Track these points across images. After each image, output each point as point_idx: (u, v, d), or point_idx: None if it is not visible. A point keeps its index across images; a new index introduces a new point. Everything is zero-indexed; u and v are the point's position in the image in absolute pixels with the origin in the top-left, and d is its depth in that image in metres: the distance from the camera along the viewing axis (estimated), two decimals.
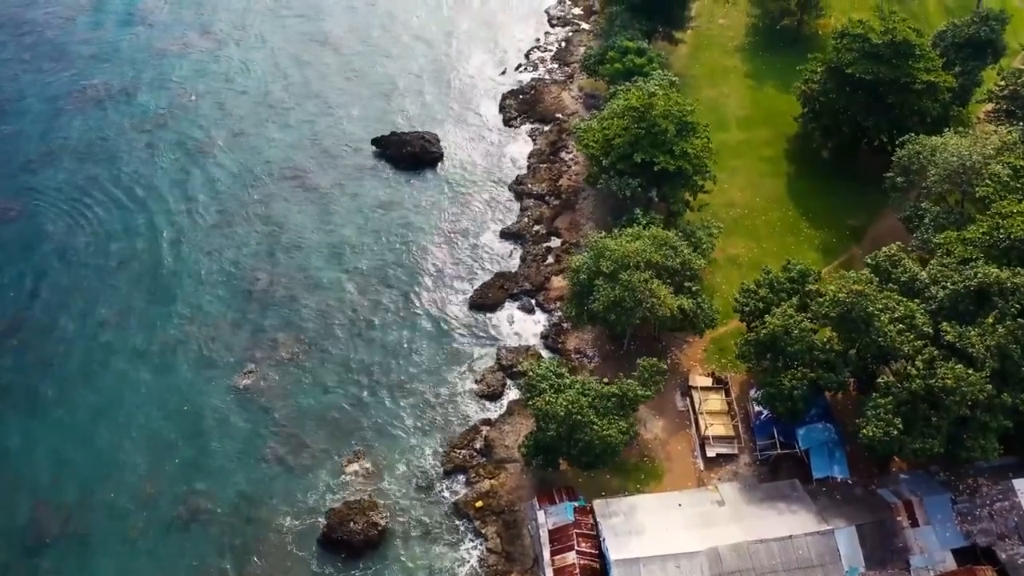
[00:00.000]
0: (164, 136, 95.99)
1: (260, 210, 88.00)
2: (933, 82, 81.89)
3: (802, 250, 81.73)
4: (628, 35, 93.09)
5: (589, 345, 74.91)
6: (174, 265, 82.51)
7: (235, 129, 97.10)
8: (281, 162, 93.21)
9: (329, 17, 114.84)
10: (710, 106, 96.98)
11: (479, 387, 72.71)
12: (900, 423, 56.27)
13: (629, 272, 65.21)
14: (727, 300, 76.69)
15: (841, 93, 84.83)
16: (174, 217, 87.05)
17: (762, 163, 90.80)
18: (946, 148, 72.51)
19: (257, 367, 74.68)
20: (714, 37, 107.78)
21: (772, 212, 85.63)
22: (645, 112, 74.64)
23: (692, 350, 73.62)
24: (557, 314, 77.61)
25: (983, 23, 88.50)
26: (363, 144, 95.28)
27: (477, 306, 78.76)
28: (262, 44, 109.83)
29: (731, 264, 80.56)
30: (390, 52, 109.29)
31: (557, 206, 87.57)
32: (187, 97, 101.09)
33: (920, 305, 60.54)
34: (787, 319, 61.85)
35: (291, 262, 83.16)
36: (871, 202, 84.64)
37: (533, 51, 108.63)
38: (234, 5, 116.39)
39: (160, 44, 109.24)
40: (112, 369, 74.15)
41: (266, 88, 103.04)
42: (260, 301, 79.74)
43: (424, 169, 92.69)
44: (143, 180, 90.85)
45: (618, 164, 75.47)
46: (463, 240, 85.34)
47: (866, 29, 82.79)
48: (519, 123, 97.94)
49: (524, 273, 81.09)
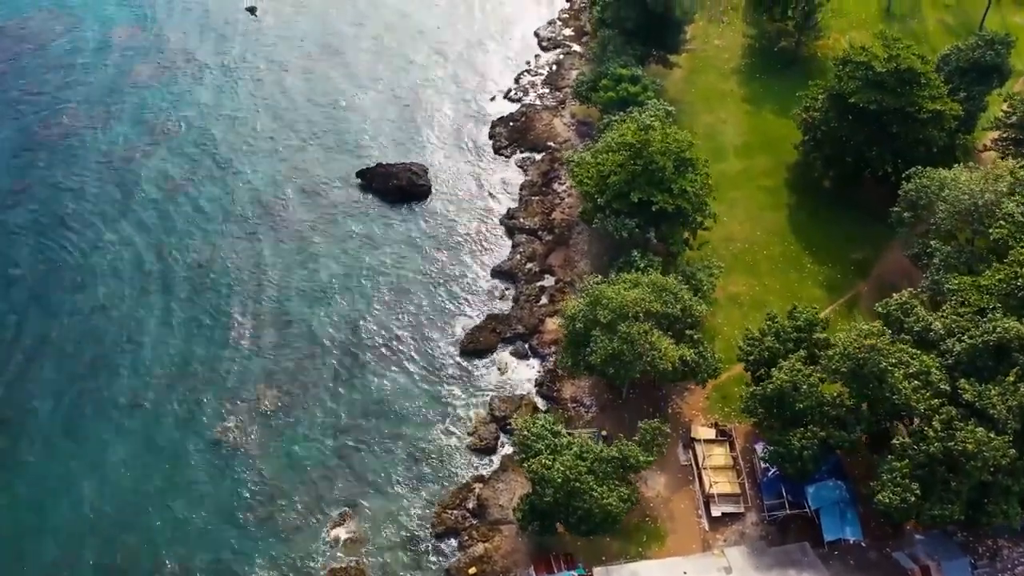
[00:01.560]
0: (140, 170, 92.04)
1: (241, 249, 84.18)
2: (939, 111, 78.86)
3: (805, 287, 78.65)
4: (621, 61, 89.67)
5: (586, 393, 71.48)
6: (149, 311, 78.64)
7: (215, 161, 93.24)
8: (263, 196, 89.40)
9: (312, 43, 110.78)
10: (707, 133, 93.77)
11: (471, 440, 69.23)
12: (917, 488, 53.08)
13: (628, 323, 61.80)
14: (728, 342, 73.71)
15: (843, 122, 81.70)
16: (150, 259, 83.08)
17: (762, 194, 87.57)
18: (956, 184, 69.43)
19: (237, 420, 71.06)
20: (710, 59, 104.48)
21: (773, 246, 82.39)
22: (641, 148, 71.24)
23: (694, 398, 70.27)
24: (552, 359, 74.18)
25: (988, 47, 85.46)
26: (348, 176, 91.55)
27: (468, 351, 75.20)
28: (243, 71, 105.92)
29: (732, 303, 77.28)
30: (376, 78, 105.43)
31: (550, 242, 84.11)
32: (164, 128, 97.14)
33: (935, 359, 57.32)
34: (795, 374, 58.59)
35: (272, 305, 79.40)
36: (875, 234, 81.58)
37: (523, 75, 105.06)
38: (213, 30, 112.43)
39: (137, 72, 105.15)
40: (84, 425, 70.45)
41: (247, 117, 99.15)
42: (239, 348, 76.01)
43: (412, 202, 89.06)
44: (118, 219, 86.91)
45: (614, 203, 72.06)
46: (453, 279, 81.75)
47: (869, 57, 79.66)
48: (510, 152, 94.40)
49: (517, 315, 77.60)
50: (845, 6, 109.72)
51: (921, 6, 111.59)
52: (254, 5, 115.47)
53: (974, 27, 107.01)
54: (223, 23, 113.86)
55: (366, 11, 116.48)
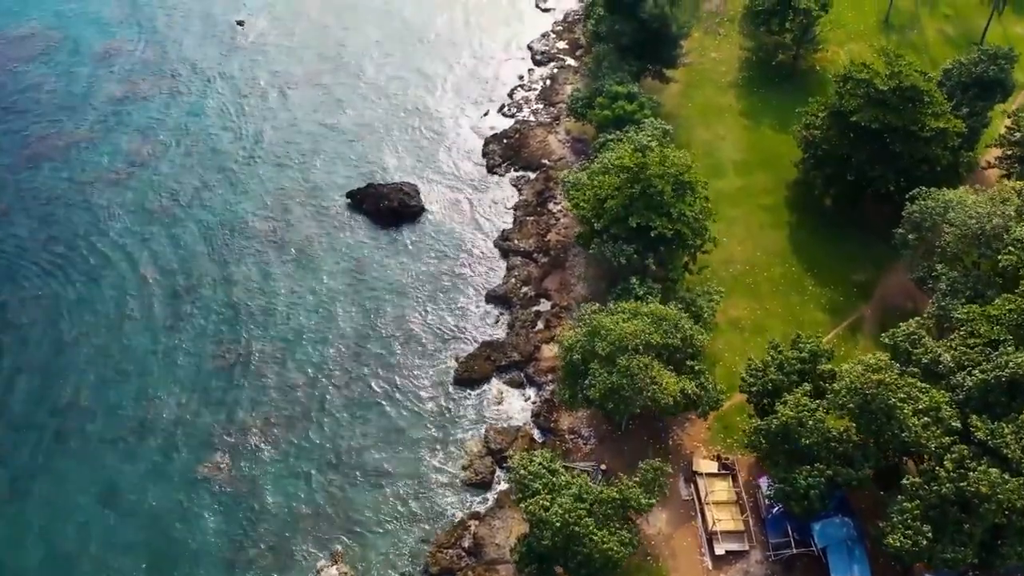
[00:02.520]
0: (125, 192, 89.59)
1: (227, 274, 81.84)
2: (942, 128, 77.11)
3: (807, 310, 76.78)
4: (617, 78, 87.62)
5: (584, 424, 69.45)
6: (133, 340, 76.32)
7: (200, 183, 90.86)
8: (249, 219, 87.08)
9: (301, 59, 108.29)
10: (705, 150, 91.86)
11: (466, 475, 67.11)
12: (929, 530, 51.19)
13: (627, 356, 59.78)
14: (729, 369, 71.89)
15: (845, 140, 79.88)
16: (134, 285, 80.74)
17: (762, 212, 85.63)
18: (963, 207, 67.57)
19: (224, 455, 68.85)
20: (707, 72, 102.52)
21: (774, 267, 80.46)
22: (639, 172, 69.23)
23: (695, 429, 68.29)
24: (549, 388, 72.16)
25: (991, 61, 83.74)
26: (337, 198, 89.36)
27: (462, 381, 73.07)
28: (230, 88, 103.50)
29: (733, 328, 75.32)
30: (366, 94, 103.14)
31: (546, 264, 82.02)
32: (150, 147, 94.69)
33: (945, 394, 55.42)
34: (800, 409, 56.63)
35: (259, 333, 77.09)
36: (878, 255, 79.82)
37: (517, 90, 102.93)
38: (202, 44, 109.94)
39: (124, 88, 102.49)
40: (64, 461, 68.07)
41: (233, 137, 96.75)
42: (226, 378, 73.76)
43: (403, 224, 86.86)
44: (102, 243, 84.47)
45: (611, 228, 70.03)
46: (446, 305, 79.59)
47: (871, 74, 77.79)
48: (503, 170, 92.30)
49: (512, 342, 75.49)
50: (843, 17, 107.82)
51: (920, 17, 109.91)
52: (243, 19, 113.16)
53: (974, 37, 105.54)
54: (213, 37, 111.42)
55: (355, 26, 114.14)
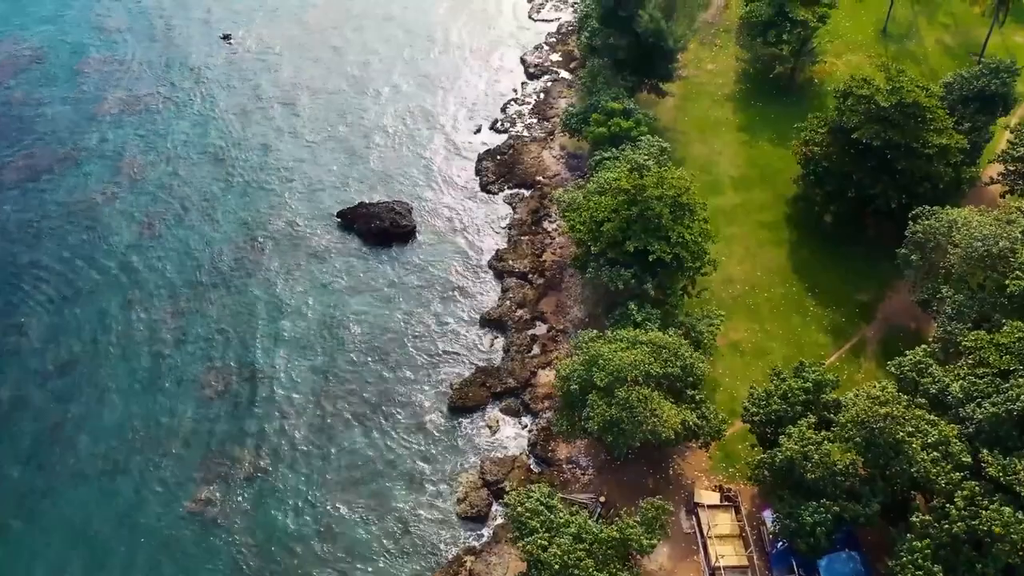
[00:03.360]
0: (107, 214, 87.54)
1: (214, 298, 79.85)
2: (945, 145, 75.60)
3: (809, 332, 75.13)
4: (612, 93, 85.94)
5: (582, 454, 67.62)
6: (118, 369, 74.21)
7: (187, 203, 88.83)
8: (236, 241, 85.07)
9: (289, 72, 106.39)
10: (702, 165, 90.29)
11: (461, 508, 65.20)
12: (940, 571, 49.49)
13: (627, 388, 58.03)
14: (730, 394, 70.28)
15: (845, 156, 78.31)
16: (118, 311, 78.64)
17: (761, 230, 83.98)
18: (968, 229, 66.01)
19: (214, 488, 66.77)
20: (703, 85, 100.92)
21: (774, 287, 78.81)
22: (636, 194, 67.49)
23: (695, 458, 66.51)
24: (546, 416, 70.32)
25: (993, 75, 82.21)
26: (327, 217, 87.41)
27: (456, 408, 71.19)
28: (216, 103, 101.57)
29: (733, 351, 73.62)
30: (356, 110, 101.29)
31: (541, 285, 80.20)
32: (133, 167, 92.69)
33: (954, 426, 53.78)
34: (805, 444, 54.94)
35: (248, 360, 75.09)
36: (880, 273, 78.25)
37: (510, 104, 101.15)
38: (187, 59, 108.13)
39: (106, 105, 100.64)
40: (49, 497, 65.85)
41: (221, 155, 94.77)
42: (215, 408, 71.76)
43: (395, 244, 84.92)
44: (88, 267, 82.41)
45: (608, 251, 68.27)
46: (439, 329, 77.69)
47: (872, 90, 76.14)
48: (497, 188, 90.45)
49: (507, 367, 73.65)
50: (840, 28, 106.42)
51: (918, 26, 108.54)
52: (229, 33, 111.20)
53: (973, 47, 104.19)
54: (198, 52, 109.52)
55: (344, 40, 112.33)
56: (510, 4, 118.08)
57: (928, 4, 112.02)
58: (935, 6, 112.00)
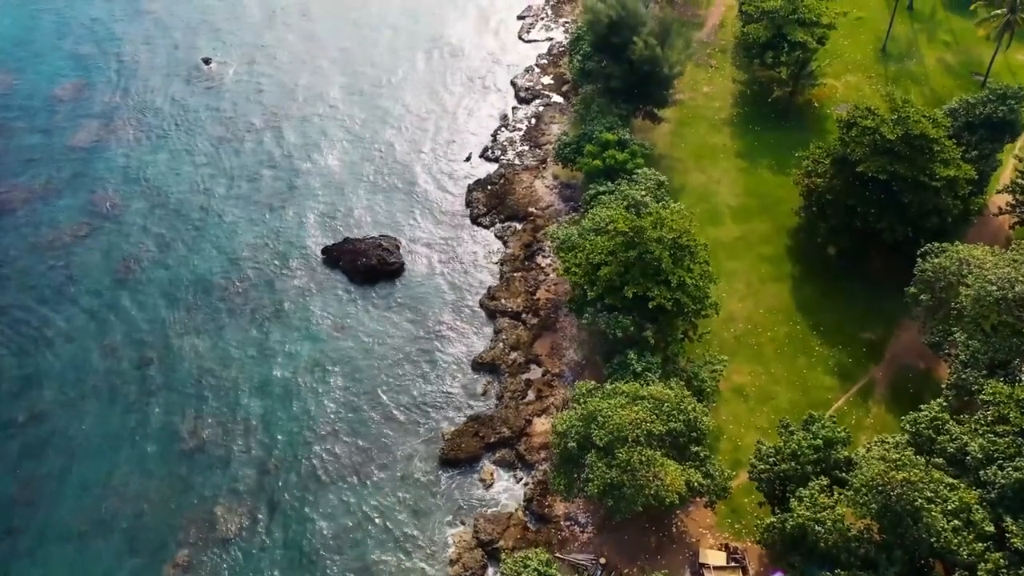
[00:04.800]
0: (85, 252, 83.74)
1: (193, 344, 76.17)
2: (953, 177, 72.79)
3: (815, 374, 72.13)
4: (606, 123, 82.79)
5: (581, 510, 64.37)
6: (92, 421, 70.57)
7: (165, 241, 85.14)
8: (218, 280, 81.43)
9: (272, 99, 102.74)
10: (700, 194, 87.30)
11: (454, 570, 61.81)
12: None
13: (628, 449, 54.87)
14: (734, 442, 67.36)
15: (849, 188, 75.40)
16: (92, 358, 74.99)
17: (762, 264, 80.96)
18: (981, 271, 63.16)
19: (191, 551, 63.27)
20: (699, 109, 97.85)
21: (778, 326, 75.79)
22: (635, 237, 64.33)
23: (700, 514, 63.31)
24: (542, 468, 67.07)
25: (1000, 101, 79.49)
26: (311, 255, 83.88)
27: (448, 461, 67.82)
28: (196, 132, 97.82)
29: (737, 396, 70.57)
30: (341, 138, 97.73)
31: (535, 326, 76.94)
32: (111, 201, 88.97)
33: (975, 491, 50.82)
34: (817, 510, 51.91)
35: (227, 410, 71.51)
36: (887, 309, 75.38)
37: (501, 130, 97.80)
38: (166, 85, 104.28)
39: (82, 134, 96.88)
40: (14, 562, 62.24)
41: (200, 188, 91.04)
42: (193, 463, 68.20)
43: (382, 283, 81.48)
44: (61, 311, 78.68)
45: (606, 297, 65.07)
46: (430, 374, 74.26)
47: (877, 121, 73.30)
48: (488, 220, 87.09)
49: (501, 415, 70.35)
50: (838, 47, 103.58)
51: (918, 45, 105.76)
52: (209, 57, 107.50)
53: (975, 66, 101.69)
54: (177, 77, 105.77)
55: (328, 64, 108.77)
56: (500, 25, 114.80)
57: (928, 22, 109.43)
58: (935, 24, 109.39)
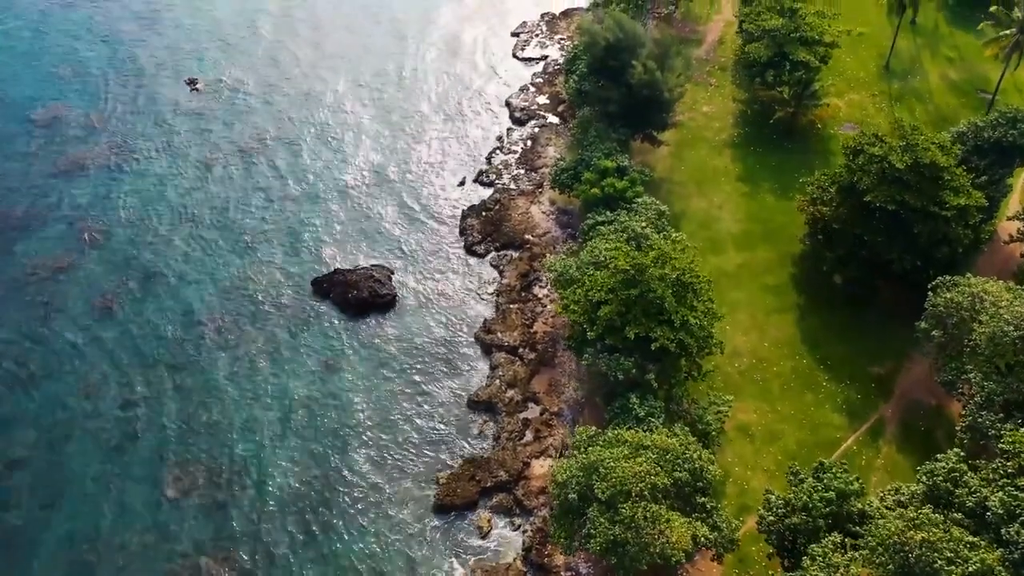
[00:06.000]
0: (63, 285, 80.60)
1: (178, 383, 73.36)
2: (964, 206, 70.47)
3: (823, 412, 69.68)
4: (604, 149, 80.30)
5: (582, 560, 61.85)
6: (70, 468, 67.50)
7: (146, 273, 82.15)
8: (203, 315, 78.50)
9: (259, 122, 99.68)
10: (701, 220, 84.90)
11: None
12: None
13: (631, 504, 52.30)
14: (740, 486, 64.97)
15: (857, 218, 73.03)
16: (74, 399, 72.01)
17: (766, 294, 78.50)
18: (997, 308, 60.85)
19: None
20: (699, 130, 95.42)
21: (783, 361, 73.32)
22: (636, 275, 61.79)
23: (707, 565, 60.84)
24: (541, 514, 64.52)
25: (1011, 125, 77.17)
26: (301, 287, 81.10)
27: (443, 507, 65.12)
28: (180, 158, 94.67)
29: (742, 435, 68.09)
30: (329, 163, 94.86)
31: (533, 361, 74.38)
32: (93, 231, 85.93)
33: (996, 550, 48.37)
34: (831, 570, 49.37)
35: (215, 453, 68.70)
36: (895, 341, 73.07)
37: (495, 153, 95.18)
38: (150, 108, 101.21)
39: (63, 161, 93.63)
40: None
41: (182, 216, 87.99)
42: (178, 511, 65.31)
43: (374, 315, 78.82)
44: (40, 348, 75.58)
45: (607, 337, 62.51)
46: (423, 412, 71.65)
47: (885, 149, 70.97)
48: (483, 249, 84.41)
49: (498, 458, 67.75)
50: (841, 64, 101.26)
51: (922, 61, 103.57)
52: (196, 77, 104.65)
53: (980, 82, 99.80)
54: (162, 99, 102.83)
55: (321, 80, 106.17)
56: (493, 42, 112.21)
57: (931, 36, 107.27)
58: (938, 38, 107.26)
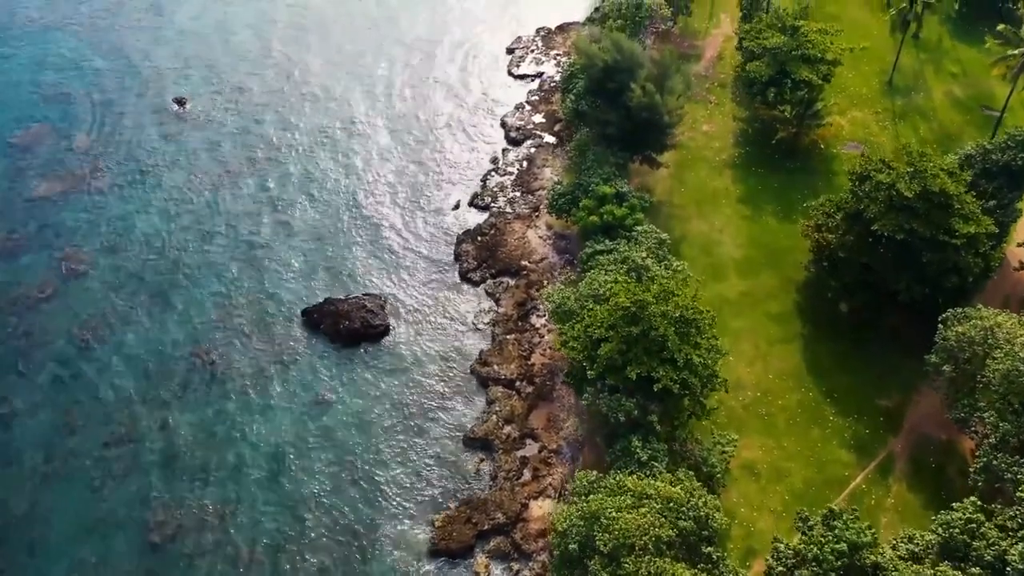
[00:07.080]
0: (44, 316, 78.01)
1: (164, 419, 70.82)
2: (974, 234, 68.38)
3: (830, 448, 67.52)
4: (603, 173, 78.02)
5: None
6: (54, 510, 65.23)
7: (134, 302, 79.66)
8: (190, 347, 75.98)
9: (248, 143, 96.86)
10: (702, 245, 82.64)
11: None
12: None
13: (635, 559, 49.98)
14: (746, 528, 62.82)
15: (863, 246, 70.88)
16: (52, 436, 69.61)
17: (770, 323, 76.25)
18: (1011, 344, 58.77)
19: None
20: (699, 150, 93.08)
21: (789, 394, 71.12)
22: (637, 312, 59.50)
23: None
24: (540, 558, 62.17)
25: (1020, 148, 75.04)
26: (291, 318, 78.61)
27: (439, 552, 62.74)
28: (166, 181, 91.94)
29: (747, 474, 65.84)
30: (320, 187, 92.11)
31: (531, 395, 72.01)
32: (75, 259, 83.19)
33: None
34: None
35: (200, 493, 66.29)
36: (903, 372, 71.01)
37: (491, 175, 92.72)
38: (137, 128, 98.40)
39: (45, 184, 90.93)
40: None
41: (171, 242, 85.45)
42: (163, 556, 62.97)
43: (366, 347, 76.37)
44: (20, 383, 73.30)
45: (607, 376, 60.19)
46: (418, 450, 69.21)
47: (892, 176, 68.82)
48: (479, 276, 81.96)
49: (495, 499, 65.37)
50: (843, 80, 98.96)
51: (925, 77, 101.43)
52: (183, 96, 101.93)
53: (984, 98, 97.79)
54: (149, 119, 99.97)
55: (313, 98, 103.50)
56: (488, 59, 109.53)
57: (934, 51, 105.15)
58: (941, 53, 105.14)
